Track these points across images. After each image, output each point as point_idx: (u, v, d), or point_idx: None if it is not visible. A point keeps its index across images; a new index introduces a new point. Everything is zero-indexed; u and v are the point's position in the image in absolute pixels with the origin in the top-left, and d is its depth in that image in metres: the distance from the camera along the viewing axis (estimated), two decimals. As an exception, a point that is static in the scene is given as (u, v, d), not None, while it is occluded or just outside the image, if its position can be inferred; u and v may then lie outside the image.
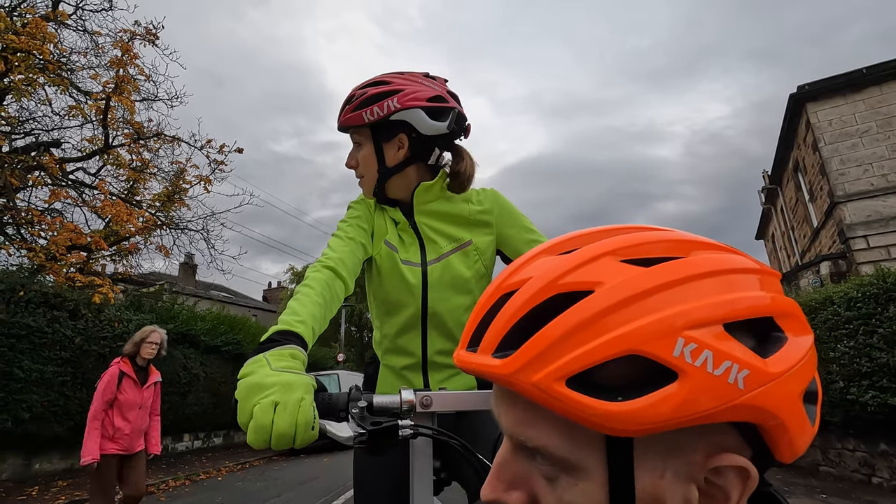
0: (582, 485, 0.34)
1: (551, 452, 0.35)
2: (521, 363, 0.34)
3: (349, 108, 1.13)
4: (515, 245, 1.22)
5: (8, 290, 6.08)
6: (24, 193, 8.49)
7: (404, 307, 1.16)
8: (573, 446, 0.34)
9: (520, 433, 0.37)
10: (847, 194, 10.09)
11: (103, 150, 9.06)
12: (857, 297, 5.15)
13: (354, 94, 1.13)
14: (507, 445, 0.40)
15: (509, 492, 0.38)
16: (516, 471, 0.38)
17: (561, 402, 0.32)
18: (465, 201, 1.22)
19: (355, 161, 1.18)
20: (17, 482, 6.18)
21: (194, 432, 10.02)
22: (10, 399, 5.89)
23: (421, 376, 1.20)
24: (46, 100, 8.74)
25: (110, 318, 7.56)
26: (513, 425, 0.38)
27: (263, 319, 22.67)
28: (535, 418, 0.36)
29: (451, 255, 1.17)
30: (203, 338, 9.83)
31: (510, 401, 0.38)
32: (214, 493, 6.29)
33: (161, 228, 9.66)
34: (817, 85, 10.66)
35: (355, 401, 0.75)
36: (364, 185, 1.20)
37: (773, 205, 16.93)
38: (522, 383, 0.33)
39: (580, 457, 0.34)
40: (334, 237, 1.11)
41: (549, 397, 0.32)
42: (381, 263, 1.17)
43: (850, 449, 5.47)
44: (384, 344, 1.22)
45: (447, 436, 0.75)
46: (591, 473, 0.34)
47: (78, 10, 8.97)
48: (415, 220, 1.20)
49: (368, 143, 1.15)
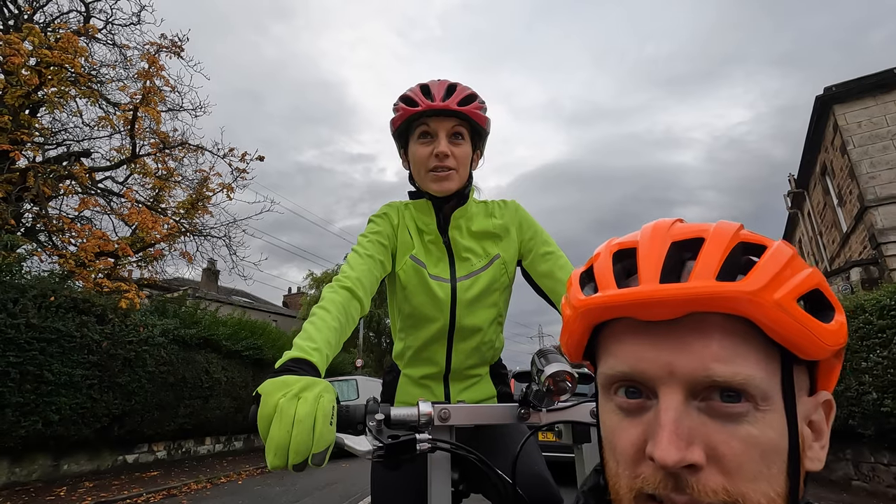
0: (769, 416, 0.36)
1: (756, 385, 0.36)
2: (762, 282, 0.36)
3: (479, 107, 1.12)
4: (534, 258, 1.20)
5: (39, 296, 6.26)
6: (56, 202, 8.80)
7: (432, 321, 1.16)
8: (768, 376, 0.37)
9: (718, 371, 0.36)
10: (878, 198, 9.76)
11: (130, 160, 9.33)
12: (891, 304, 4.96)
13: (474, 94, 1.13)
14: (677, 398, 0.37)
15: (690, 448, 0.36)
16: (691, 424, 0.36)
17: (798, 320, 0.36)
18: (488, 216, 1.22)
19: (450, 151, 1.11)
20: (46, 482, 6.34)
21: (216, 436, 10.16)
22: (40, 401, 6.05)
23: (442, 385, 1.20)
24: (77, 111, 9.07)
25: (136, 323, 7.72)
26: (707, 364, 0.36)
27: (283, 324, 22.94)
28: (735, 352, 0.36)
29: (481, 273, 1.17)
30: (225, 343, 9.96)
31: (695, 339, 0.37)
32: (234, 496, 6.36)
33: (185, 235, 9.89)
34: (845, 86, 10.36)
35: (372, 413, 0.74)
36: (452, 180, 1.13)
37: (799, 209, 16.48)
38: (765, 301, 0.36)
39: (771, 386, 0.37)
40: (354, 253, 1.10)
41: (787, 316, 0.36)
42: (406, 278, 1.15)
43: (885, 463, 5.25)
44: (407, 355, 1.22)
45: (465, 450, 0.74)
46: (776, 404, 0.37)
47: (108, 24, 9.31)
48: (448, 235, 1.19)
49: (468, 143, 1.15)
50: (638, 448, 0.38)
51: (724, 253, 0.38)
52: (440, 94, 1.09)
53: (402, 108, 1.12)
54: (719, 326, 0.37)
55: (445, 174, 1.11)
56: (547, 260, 1.18)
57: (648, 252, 0.41)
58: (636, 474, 0.38)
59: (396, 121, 1.14)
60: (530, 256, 1.21)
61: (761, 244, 0.40)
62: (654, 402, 0.39)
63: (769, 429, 0.36)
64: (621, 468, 0.40)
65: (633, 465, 0.38)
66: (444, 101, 1.08)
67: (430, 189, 1.15)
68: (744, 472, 0.35)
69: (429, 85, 1.12)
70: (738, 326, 0.37)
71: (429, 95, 1.10)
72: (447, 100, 1.08)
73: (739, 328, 0.37)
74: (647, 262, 0.40)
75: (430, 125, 1.11)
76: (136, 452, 8.04)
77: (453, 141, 1.12)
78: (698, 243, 0.40)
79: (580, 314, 0.43)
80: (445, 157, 1.10)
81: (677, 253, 0.40)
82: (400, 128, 1.15)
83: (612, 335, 0.42)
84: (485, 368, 1.26)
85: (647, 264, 0.40)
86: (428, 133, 1.12)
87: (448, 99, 1.08)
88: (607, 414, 0.42)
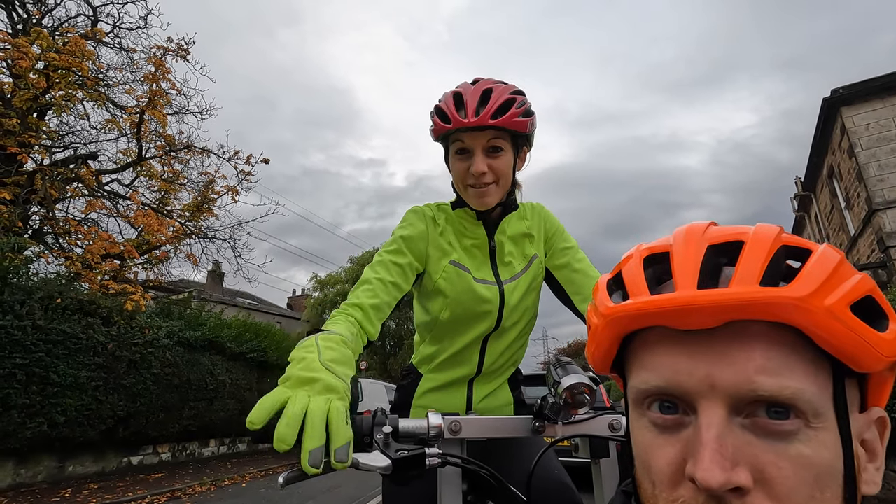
0: (822, 435, 0.33)
1: (807, 399, 0.33)
2: (812, 287, 0.33)
3: (516, 113, 1.03)
4: (553, 252, 1.23)
5: (46, 298, 6.29)
6: (63, 204, 8.85)
7: (478, 325, 1.15)
8: (819, 391, 0.33)
9: (764, 385, 0.33)
10: (886, 201, 9.69)
11: (137, 162, 9.38)
12: (901, 309, 4.91)
13: (512, 97, 1.04)
14: (719, 413, 0.34)
15: (736, 469, 0.32)
16: (736, 443, 0.33)
17: (851, 328, 0.33)
18: (521, 218, 1.23)
19: (486, 167, 1.07)
20: (51, 484, 6.35)
21: (220, 438, 10.16)
22: (46, 403, 6.07)
23: (465, 390, 1.19)
24: (84, 114, 9.14)
25: (141, 325, 7.74)
26: (751, 376, 0.33)
27: (287, 326, 22.98)
28: (782, 364, 0.33)
29: (523, 274, 1.18)
30: (229, 345, 9.97)
31: (737, 350, 0.34)
32: (239, 498, 6.35)
33: (190, 237, 9.92)
34: (852, 88, 10.30)
35: (380, 425, 0.71)
36: (491, 195, 1.10)
37: (806, 212, 16.38)
38: (816, 308, 0.33)
39: (822, 401, 0.33)
40: (372, 272, 1.06)
41: (840, 324, 0.33)
42: (447, 286, 1.13)
43: (895, 470, 5.19)
44: (438, 359, 1.19)
45: (476, 465, 0.72)
46: (829, 422, 0.33)
47: (115, 28, 9.39)
48: (495, 240, 1.18)
49: (510, 150, 1.09)
50: (676, 468, 0.35)
51: (767, 256, 0.36)
52: (473, 107, 1.02)
53: (436, 123, 1.09)
54: (764, 335, 0.34)
55: (484, 190, 1.09)
56: (566, 254, 1.21)
57: (684, 256, 0.38)
58: (674, 497, 0.35)
59: (433, 133, 1.12)
60: (551, 252, 1.23)
61: (806, 248, 0.37)
62: (693, 418, 0.36)
63: (823, 448, 0.33)
64: (658, 490, 0.36)
65: (670, 488, 0.35)
66: (478, 114, 1.01)
67: (472, 203, 1.13)
68: (795, 496, 0.32)
69: (462, 94, 1.06)
70: (784, 336, 0.34)
71: (461, 107, 1.04)
72: (481, 112, 1.01)
73: (786, 338, 0.34)
74: (683, 266, 0.38)
75: (466, 141, 1.06)
76: (140, 454, 8.06)
77: (491, 154, 1.07)
78: (737, 247, 0.37)
79: (609, 322, 0.40)
80: (482, 175, 1.06)
81: (715, 257, 0.38)
82: (439, 138, 1.13)
83: (644, 346, 0.39)
84: (510, 372, 1.26)
85: (684, 269, 0.37)
86: (464, 149, 1.08)
87: (482, 111, 1.01)
88: (640, 431, 0.39)
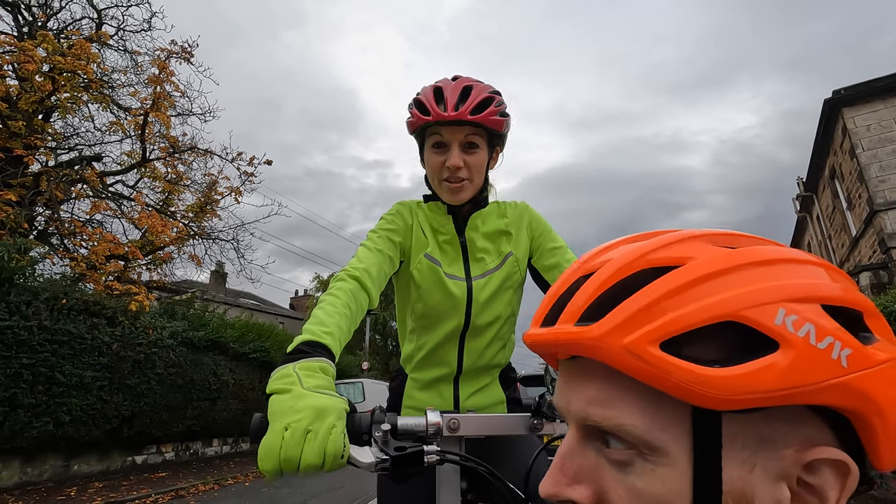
0: (660, 470, 0.31)
1: (629, 432, 0.32)
2: (610, 325, 0.32)
3: (494, 111, 1.06)
4: (542, 253, 1.22)
5: (51, 298, 6.35)
6: (68, 205, 8.93)
7: (447, 320, 1.15)
8: (654, 425, 0.31)
9: (593, 414, 0.34)
10: (888, 202, 9.67)
11: (141, 164, 9.45)
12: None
13: (491, 96, 1.06)
14: (573, 435, 0.37)
15: (573, 486, 0.35)
16: (582, 463, 0.35)
17: (654, 366, 0.30)
18: (501, 216, 1.22)
19: (462, 162, 1.08)
20: (56, 483, 6.41)
21: (223, 438, 10.21)
22: (51, 402, 6.13)
23: (451, 388, 1.19)
24: (89, 116, 9.21)
25: (145, 326, 7.80)
26: (585, 406, 0.35)
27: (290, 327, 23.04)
28: (612, 396, 0.33)
29: (495, 272, 1.17)
30: (232, 345, 10.01)
31: (582, 380, 0.36)
32: (242, 498, 6.39)
33: (193, 238, 9.98)
34: (854, 89, 10.29)
35: (378, 423, 0.70)
36: (465, 190, 1.12)
37: (808, 213, 16.34)
38: (611, 347, 0.31)
39: (662, 438, 0.31)
40: (363, 247, 1.08)
41: (641, 362, 0.30)
42: (421, 277, 1.14)
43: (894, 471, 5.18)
44: (417, 357, 1.20)
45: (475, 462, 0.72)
46: (672, 458, 0.31)
47: (119, 30, 9.45)
48: (465, 235, 1.18)
49: (485, 148, 1.11)
50: None
51: (597, 290, 0.34)
52: (453, 101, 1.04)
53: (414, 115, 1.09)
54: (601, 368, 0.34)
55: (458, 185, 1.10)
56: (554, 254, 1.19)
57: (557, 288, 0.39)
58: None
59: (410, 126, 1.13)
60: (538, 252, 1.22)
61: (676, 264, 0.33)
62: None
63: (658, 484, 0.31)
64: None
65: None
66: (457, 109, 1.03)
67: (444, 198, 1.15)
68: None
69: (443, 88, 1.07)
70: None
71: (441, 102, 1.06)
72: (461, 107, 1.03)
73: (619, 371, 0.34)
74: (545, 301, 0.39)
75: (443, 135, 1.08)
76: (144, 453, 8.11)
77: (467, 150, 1.09)
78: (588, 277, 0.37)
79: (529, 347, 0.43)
80: (458, 169, 1.08)
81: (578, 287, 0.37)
82: (416, 131, 1.14)
83: None
84: (496, 371, 1.25)
85: (543, 304, 0.39)
86: (441, 143, 1.09)
87: (462, 106, 1.03)
88: None
